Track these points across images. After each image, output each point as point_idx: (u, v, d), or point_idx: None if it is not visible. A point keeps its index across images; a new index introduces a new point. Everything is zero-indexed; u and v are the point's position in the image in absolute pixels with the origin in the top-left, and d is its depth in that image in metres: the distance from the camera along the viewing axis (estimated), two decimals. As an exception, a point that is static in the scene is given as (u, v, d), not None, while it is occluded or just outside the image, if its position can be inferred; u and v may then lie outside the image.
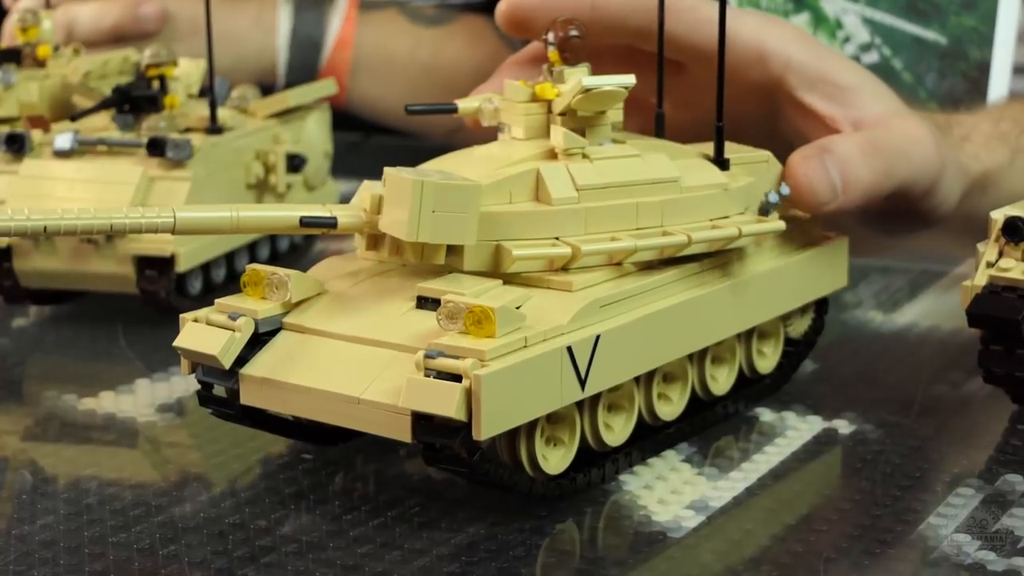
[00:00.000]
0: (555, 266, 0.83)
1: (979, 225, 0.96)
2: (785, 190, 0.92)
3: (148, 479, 0.89)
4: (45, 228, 0.78)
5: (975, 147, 1.17)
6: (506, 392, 0.76)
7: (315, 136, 1.32)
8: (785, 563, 0.78)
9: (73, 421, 0.98)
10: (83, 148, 1.15)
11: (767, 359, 0.98)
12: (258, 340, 0.83)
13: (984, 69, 1.41)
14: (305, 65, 1.63)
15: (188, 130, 1.18)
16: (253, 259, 1.23)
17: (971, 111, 1.26)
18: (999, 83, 1.40)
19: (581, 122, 0.88)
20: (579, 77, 0.86)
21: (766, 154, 0.95)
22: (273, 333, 0.83)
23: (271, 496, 0.85)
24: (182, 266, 1.11)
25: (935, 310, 0.96)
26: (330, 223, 0.83)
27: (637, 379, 0.87)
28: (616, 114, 0.89)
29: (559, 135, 0.86)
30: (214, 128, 1.18)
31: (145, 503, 0.84)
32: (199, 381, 0.85)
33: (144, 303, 1.13)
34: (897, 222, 1.05)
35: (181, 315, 0.84)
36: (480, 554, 0.78)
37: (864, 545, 0.79)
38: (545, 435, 0.83)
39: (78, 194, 1.11)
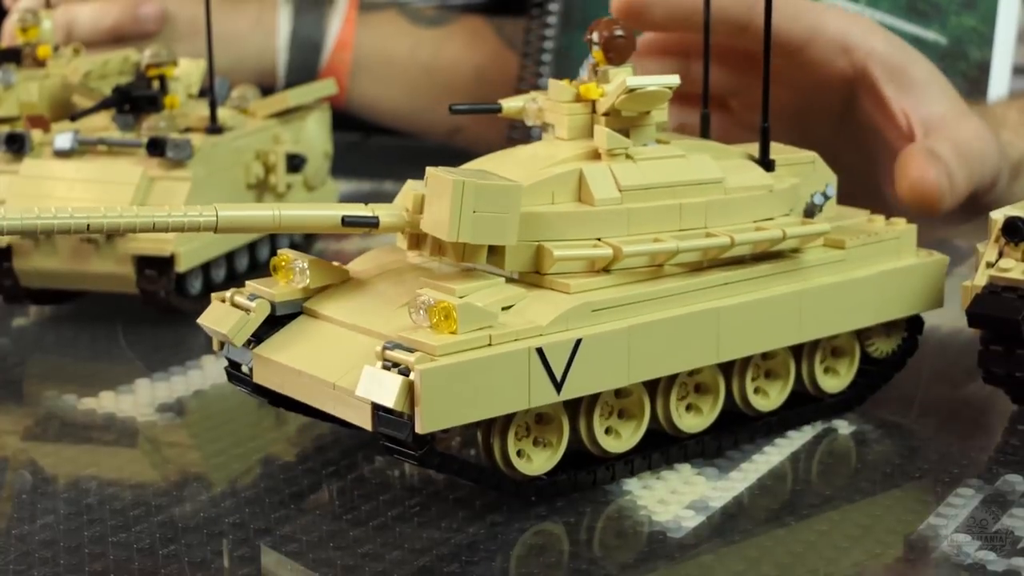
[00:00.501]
0: (597, 267, 0.84)
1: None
2: (831, 191, 0.93)
3: (148, 479, 0.89)
4: (88, 226, 0.80)
5: (1009, 134, 1.21)
6: (453, 388, 0.77)
7: (315, 136, 1.32)
8: (785, 563, 0.78)
9: (73, 421, 0.98)
10: (83, 148, 1.15)
11: (836, 378, 0.95)
12: (276, 322, 0.85)
13: (984, 69, 1.41)
14: (305, 66, 1.63)
15: (188, 130, 1.18)
16: (253, 259, 1.23)
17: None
18: (999, 83, 1.40)
19: (625, 122, 0.87)
20: (623, 77, 0.86)
21: (812, 155, 0.94)
22: (294, 316, 0.85)
23: (271, 496, 0.85)
24: (182, 266, 1.11)
25: (935, 310, 0.96)
26: (372, 222, 0.83)
27: (653, 387, 0.87)
28: (660, 114, 0.89)
29: (602, 135, 0.86)
30: (214, 128, 1.18)
31: (145, 503, 0.84)
32: (226, 359, 0.88)
33: (144, 303, 1.13)
34: (958, 212, 1.07)
35: (212, 294, 0.88)
36: (480, 554, 0.78)
37: (865, 545, 0.79)
38: (532, 435, 0.83)
39: (78, 194, 1.11)
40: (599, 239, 0.84)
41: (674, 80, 0.86)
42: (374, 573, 0.76)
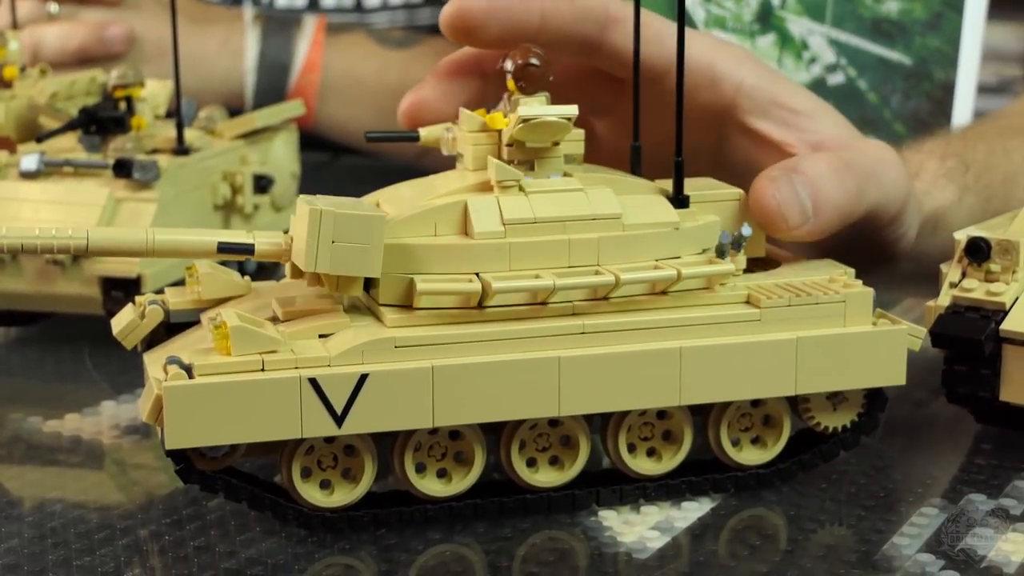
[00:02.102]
0: (469, 303, 0.81)
1: (929, 266, 0.96)
2: (747, 230, 0.86)
3: (114, 501, 0.89)
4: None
5: (925, 184, 1.15)
6: (205, 408, 0.77)
7: (282, 157, 1.32)
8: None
9: (38, 443, 0.97)
10: (49, 169, 1.15)
11: (758, 450, 0.88)
12: (175, 329, 0.86)
13: (949, 90, 1.42)
14: (273, 88, 1.63)
15: (155, 151, 1.18)
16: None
17: (920, 142, 1.23)
18: (963, 104, 1.41)
19: (529, 153, 0.85)
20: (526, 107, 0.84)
21: (738, 192, 0.90)
22: (191, 325, 0.86)
23: (237, 519, 0.84)
24: (148, 287, 1.10)
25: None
26: (247, 249, 0.82)
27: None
28: (573, 146, 0.86)
29: (492, 166, 0.84)
30: (181, 149, 1.18)
31: (110, 525, 0.84)
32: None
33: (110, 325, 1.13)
34: (858, 254, 1.00)
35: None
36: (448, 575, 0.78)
37: (829, 565, 0.79)
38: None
39: (44, 215, 1.11)
40: (477, 274, 0.81)
41: (571, 111, 0.83)
42: (339, 595, 0.76)
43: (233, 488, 0.82)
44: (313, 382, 0.78)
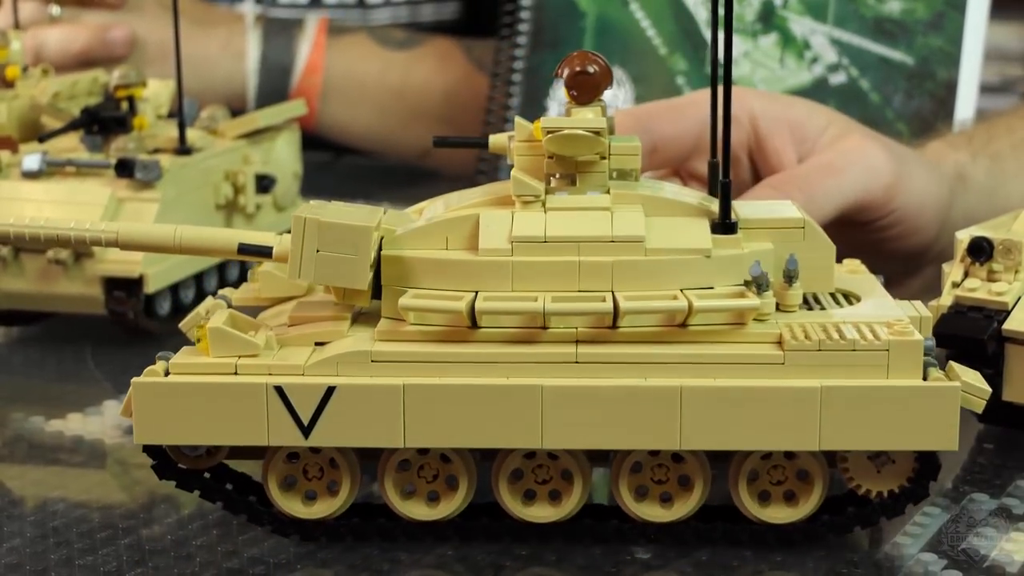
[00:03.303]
0: (459, 322, 0.77)
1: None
2: (793, 263, 0.79)
3: (116, 501, 0.89)
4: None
5: (933, 154, 1.20)
6: (173, 406, 0.77)
7: (285, 157, 1.32)
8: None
9: (40, 443, 0.97)
10: (52, 169, 1.15)
11: (782, 508, 0.80)
12: None
13: (951, 89, 1.42)
14: (275, 90, 1.64)
15: (157, 151, 1.18)
16: (222, 279, 1.23)
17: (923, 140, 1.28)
18: (966, 103, 1.41)
19: (570, 167, 0.80)
20: (588, 115, 0.80)
21: (800, 219, 0.82)
22: None
23: (239, 518, 0.84)
24: (150, 287, 1.11)
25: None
26: (265, 252, 0.81)
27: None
28: (626, 160, 0.81)
29: (513, 179, 0.80)
30: (183, 149, 1.18)
31: (112, 525, 0.84)
32: None
33: (112, 324, 1.13)
34: (884, 259, 1.04)
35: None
36: None
37: (831, 564, 0.79)
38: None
39: (47, 215, 1.10)
40: (477, 292, 0.78)
41: (600, 123, 0.79)
42: (341, 594, 0.77)
43: (209, 489, 0.82)
44: (279, 390, 0.77)
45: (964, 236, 0.95)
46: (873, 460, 0.79)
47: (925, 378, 0.76)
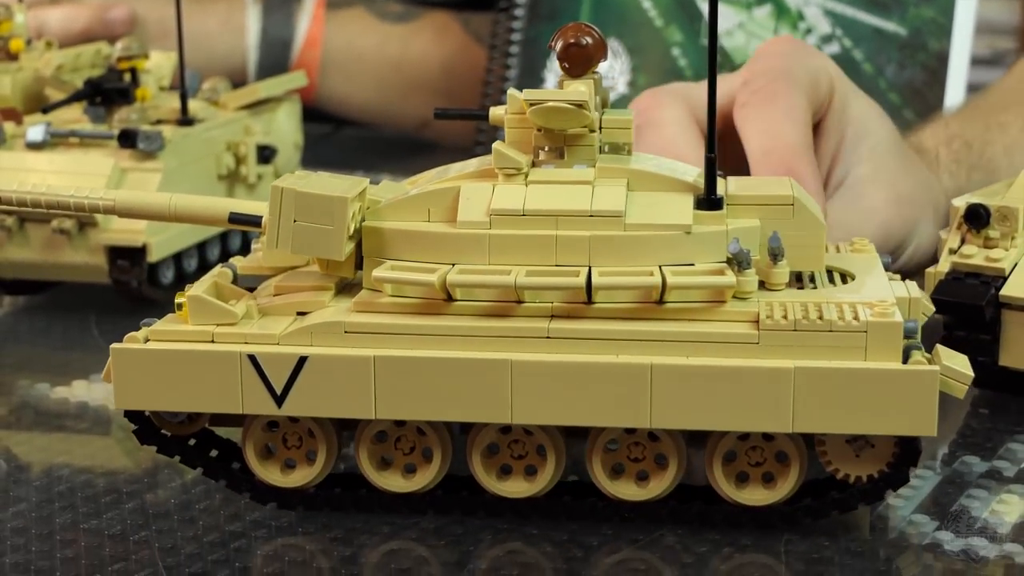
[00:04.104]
0: (433, 294, 0.77)
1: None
2: (776, 240, 0.78)
3: (120, 466, 0.90)
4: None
5: (940, 170, 1.20)
6: (149, 372, 0.78)
7: (285, 128, 1.33)
8: (746, 544, 0.78)
9: (46, 409, 0.99)
10: (55, 140, 1.16)
11: (759, 490, 0.79)
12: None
13: (943, 60, 1.42)
14: (275, 64, 1.64)
15: (159, 122, 1.19)
16: (224, 248, 1.24)
17: (919, 128, 1.28)
18: (957, 75, 1.42)
19: (558, 140, 0.79)
20: (579, 88, 0.78)
21: (788, 196, 0.80)
22: None
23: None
24: (154, 256, 1.12)
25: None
26: (255, 221, 0.82)
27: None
28: (618, 135, 0.81)
29: (494, 151, 0.80)
30: (185, 120, 1.19)
31: (117, 490, 0.85)
32: None
33: (116, 293, 1.14)
34: None
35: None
36: (442, 540, 0.79)
37: (824, 526, 0.80)
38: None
39: (51, 185, 1.11)
40: (454, 264, 0.77)
41: (580, 96, 0.77)
42: (343, 557, 0.77)
43: (190, 455, 0.82)
44: (252, 359, 0.77)
45: (960, 203, 0.95)
46: (851, 444, 0.77)
47: (906, 361, 0.75)
